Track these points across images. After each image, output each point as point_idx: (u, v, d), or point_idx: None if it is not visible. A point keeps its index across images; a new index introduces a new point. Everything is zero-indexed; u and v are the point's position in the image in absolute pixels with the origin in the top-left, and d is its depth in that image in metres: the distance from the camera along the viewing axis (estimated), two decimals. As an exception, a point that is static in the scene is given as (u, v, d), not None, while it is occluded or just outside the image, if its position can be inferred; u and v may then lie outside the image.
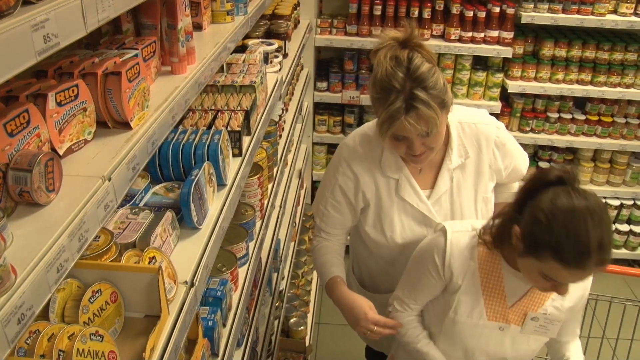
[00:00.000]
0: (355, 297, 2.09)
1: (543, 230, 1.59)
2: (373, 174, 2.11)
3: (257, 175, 2.42)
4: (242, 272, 2.20)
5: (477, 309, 1.91)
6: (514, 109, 4.45)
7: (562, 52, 4.24)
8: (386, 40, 1.93)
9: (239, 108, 2.18)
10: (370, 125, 2.19)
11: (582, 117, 4.44)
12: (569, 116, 4.45)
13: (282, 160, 3.07)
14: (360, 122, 4.55)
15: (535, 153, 4.72)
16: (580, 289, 1.92)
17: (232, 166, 2.04)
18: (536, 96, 4.43)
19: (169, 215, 1.63)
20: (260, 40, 3.10)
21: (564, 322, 1.97)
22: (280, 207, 3.12)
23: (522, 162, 2.26)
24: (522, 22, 4.03)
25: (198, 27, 2.09)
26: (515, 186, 2.34)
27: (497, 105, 4.31)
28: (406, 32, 1.90)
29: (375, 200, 2.14)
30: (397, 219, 2.13)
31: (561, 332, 2.01)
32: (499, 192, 2.27)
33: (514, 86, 4.24)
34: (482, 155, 2.10)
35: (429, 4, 4.09)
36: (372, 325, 1.98)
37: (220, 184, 1.92)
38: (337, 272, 2.18)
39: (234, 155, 2.07)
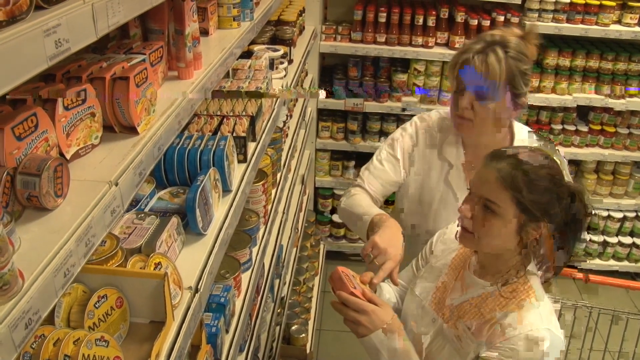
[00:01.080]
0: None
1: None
2: (432, 152, 2.18)
3: (262, 182, 2.42)
4: (245, 278, 2.20)
5: (427, 290, 1.90)
6: (519, 121, 4.42)
7: (565, 62, 4.24)
8: (505, 29, 2.05)
9: (244, 114, 2.18)
10: (445, 111, 2.25)
11: (586, 129, 4.44)
12: (572, 128, 4.45)
13: (286, 166, 3.07)
14: (363, 129, 4.56)
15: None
16: (514, 340, 1.67)
17: (237, 172, 2.03)
18: (540, 108, 4.43)
19: (174, 220, 1.63)
20: (266, 46, 3.10)
21: None
22: (284, 213, 3.12)
23: None
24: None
25: (205, 32, 2.09)
26: None
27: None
28: (527, 30, 2.05)
29: (422, 178, 2.21)
30: (436, 204, 2.18)
31: None
32: None
33: (517, 95, 4.23)
34: None
35: (434, 12, 4.09)
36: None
37: (226, 189, 1.92)
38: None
39: (239, 161, 2.07)
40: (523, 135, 2.19)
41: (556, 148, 2.17)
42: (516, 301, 1.70)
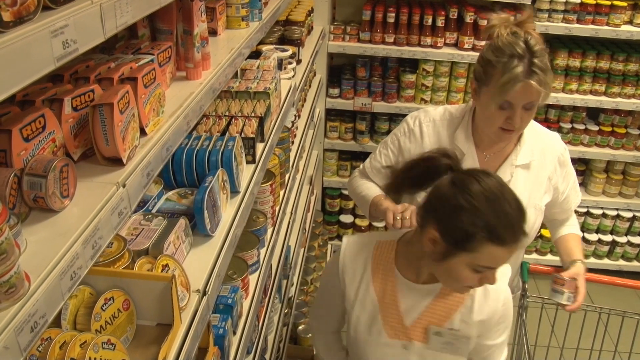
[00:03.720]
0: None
1: (470, 217, 1.50)
2: (439, 143, 2.16)
3: (270, 182, 2.41)
4: (253, 279, 2.19)
5: (375, 326, 1.82)
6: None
7: (576, 63, 4.21)
8: (503, 19, 2.02)
9: (252, 114, 2.17)
10: (452, 106, 2.27)
11: (595, 128, 4.41)
12: (582, 127, 4.42)
13: (294, 166, 3.06)
14: (372, 129, 4.54)
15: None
16: (492, 302, 1.76)
17: (246, 173, 2.02)
18: (549, 106, 4.40)
19: (182, 222, 1.62)
20: (275, 46, 3.09)
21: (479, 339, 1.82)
22: (291, 213, 3.11)
23: (574, 196, 2.35)
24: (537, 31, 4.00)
25: (213, 32, 2.08)
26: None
27: (509, 115, 4.28)
28: (524, 15, 2.02)
29: None
30: None
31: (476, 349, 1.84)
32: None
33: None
34: (545, 164, 2.18)
35: (443, 12, 4.07)
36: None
37: (234, 190, 1.91)
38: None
39: (248, 162, 2.06)
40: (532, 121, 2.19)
41: None
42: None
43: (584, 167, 4.64)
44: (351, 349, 1.96)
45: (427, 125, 2.21)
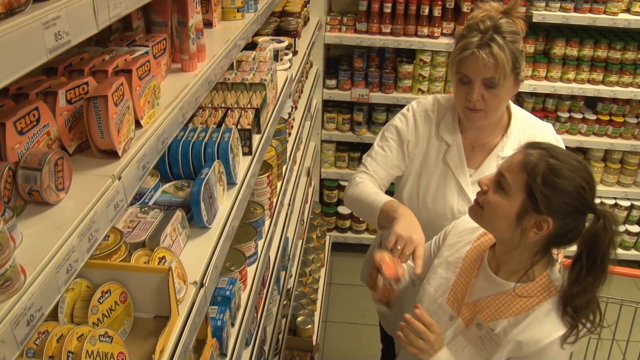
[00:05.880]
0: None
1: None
2: (430, 133, 2.22)
3: (267, 174, 2.41)
4: (250, 271, 2.19)
5: (444, 286, 1.90)
6: (525, 108, 4.41)
7: (573, 52, 4.20)
8: (486, 7, 2.05)
9: (249, 106, 2.17)
10: (442, 95, 2.31)
11: (593, 117, 4.40)
12: (579, 116, 4.42)
13: (291, 158, 3.05)
14: (369, 120, 4.53)
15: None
16: (539, 332, 1.68)
17: (242, 165, 2.02)
18: (547, 95, 4.40)
19: (178, 214, 1.61)
20: (270, 37, 3.08)
21: None
22: (289, 205, 3.11)
23: None
24: (534, 20, 3.99)
25: (208, 24, 2.07)
26: None
27: (507, 104, 4.27)
28: (510, 4, 2.02)
29: (421, 159, 2.24)
30: (435, 183, 2.22)
31: None
32: None
33: (524, 85, 4.20)
34: None
35: (440, 2, 4.05)
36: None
37: (230, 182, 1.91)
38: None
39: (244, 154, 2.06)
40: (520, 113, 2.25)
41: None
42: (535, 301, 1.69)
43: (581, 156, 4.64)
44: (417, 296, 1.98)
45: (420, 114, 2.24)
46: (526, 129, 2.19)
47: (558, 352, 1.66)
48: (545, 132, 2.21)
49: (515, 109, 2.23)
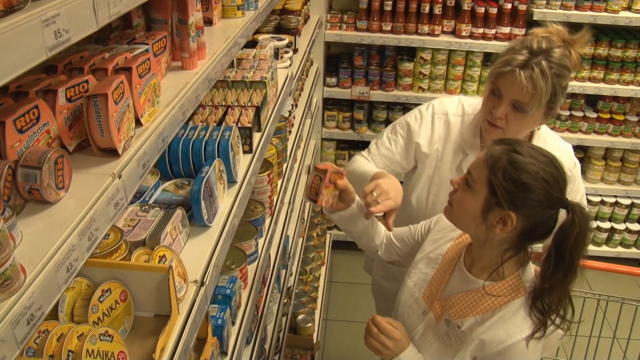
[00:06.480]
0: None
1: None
2: (447, 137, 2.15)
3: (267, 172, 2.40)
4: (251, 269, 2.19)
5: (422, 281, 1.91)
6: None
7: (574, 49, 4.19)
8: (551, 30, 1.98)
9: (249, 104, 2.16)
10: (467, 98, 2.24)
11: (594, 115, 4.40)
12: (580, 114, 4.41)
13: (292, 156, 3.05)
14: (369, 118, 4.53)
15: (546, 151, 4.68)
16: (502, 332, 1.68)
17: (243, 163, 2.02)
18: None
19: (179, 212, 1.61)
20: (271, 35, 3.08)
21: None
22: (290, 203, 3.10)
23: None
24: (534, 18, 3.99)
25: (208, 22, 2.07)
26: None
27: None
28: (578, 36, 1.97)
29: (434, 163, 2.19)
30: (446, 190, 2.18)
31: None
32: None
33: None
34: None
35: (440, 0, 4.05)
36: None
37: (231, 180, 1.90)
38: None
39: (245, 152, 2.05)
40: (543, 132, 2.16)
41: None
42: (503, 301, 1.69)
43: (582, 155, 4.64)
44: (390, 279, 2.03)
45: (439, 116, 2.18)
46: (545, 148, 2.12)
47: (523, 353, 1.65)
48: (562, 156, 2.11)
49: (540, 131, 2.15)
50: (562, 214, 1.61)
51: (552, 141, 2.17)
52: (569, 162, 2.15)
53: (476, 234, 1.70)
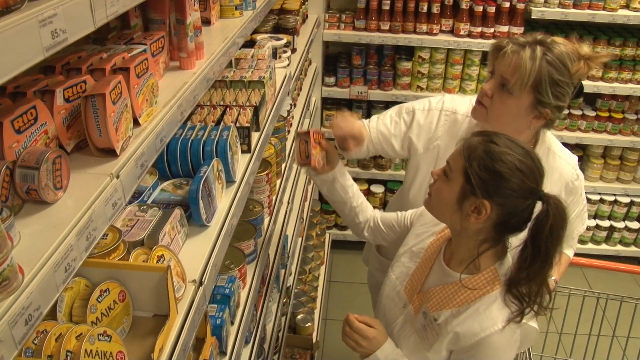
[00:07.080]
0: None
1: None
2: (451, 136, 2.13)
3: (266, 172, 2.40)
4: (250, 269, 2.19)
5: (404, 275, 1.93)
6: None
7: (572, 48, 4.19)
8: (575, 45, 1.93)
9: (247, 104, 2.16)
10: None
11: (593, 114, 4.40)
12: (579, 112, 4.41)
13: (290, 155, 3.05)
14: (368, 117, 4.50)
15: (545, 149, 4.68)
16: (477, 325, 1.68)
17: (241, 162, 2.02)
18: (546, 92, 4.38)
19: (177, 212, 1.61)
20: (269, 35, 3.08)
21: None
22: (288, 203, 3.10)
23: (577, 224, 2.26)
24: (533, 17, 3.99)
25: (206, 21, 2.07)
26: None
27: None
28: (599, 54, 1.93)
29: (435, 160, 2.18)
30: None
31: None
32: None
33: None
34: (546, 185, 2.08)
35: (438, -1, 4.05)
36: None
37: (229, 180, 1.91)
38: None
39: (243, 152, 2.05)
40: (548, 140, 2.12)
41: None
42: (478, 294, 1.70)
43: (581, 153, 4.64)
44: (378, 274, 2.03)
45: (447, 114, 2.17)
46: (549, 157, 2.08)
47: (497, 345, 1.67)
48: (566, 167, 2.13)
49: (545, 137, 2.10)
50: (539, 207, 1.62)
51: (558, 150, 2.14)
52: (572, 174, 2.13)
53: (452, 223, 1.71)
